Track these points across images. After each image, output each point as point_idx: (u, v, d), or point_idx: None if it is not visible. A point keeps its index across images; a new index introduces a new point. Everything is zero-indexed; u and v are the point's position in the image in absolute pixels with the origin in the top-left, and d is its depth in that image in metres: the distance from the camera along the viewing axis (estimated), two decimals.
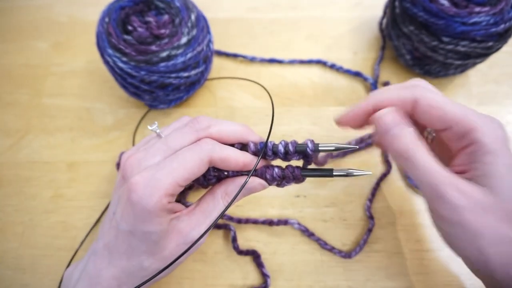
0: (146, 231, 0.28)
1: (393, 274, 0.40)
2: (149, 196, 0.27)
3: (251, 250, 0.41)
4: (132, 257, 0.29)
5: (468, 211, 0.26)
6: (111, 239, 0.29)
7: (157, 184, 0.27)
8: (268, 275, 0.39)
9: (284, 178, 0.32)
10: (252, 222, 0.42)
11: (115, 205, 0.30)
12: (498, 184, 0.26)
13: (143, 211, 0.27)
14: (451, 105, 0.29)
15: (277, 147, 0.31)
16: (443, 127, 0.29)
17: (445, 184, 0.26)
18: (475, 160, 0.27)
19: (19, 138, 0.49)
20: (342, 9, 0.58)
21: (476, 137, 0.27)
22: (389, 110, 0.30)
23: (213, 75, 0.52)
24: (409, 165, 0.28)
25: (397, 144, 0.29)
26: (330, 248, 0.40)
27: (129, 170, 0.29)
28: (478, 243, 0.26)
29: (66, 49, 0.56)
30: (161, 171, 0.27)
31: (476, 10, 0.41)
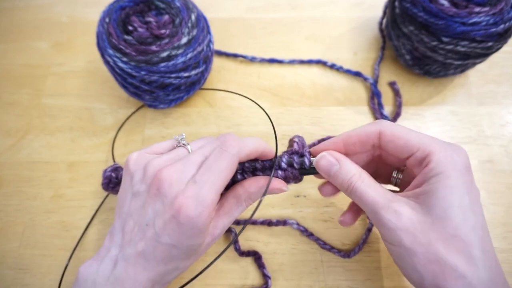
0: (189, 245, 0.29)
1: (393, 274, 0.40)
2: (199, 215, 0.28)
3: (252, 251, 0.41)
4: (170, 263, 0.30)
5: (403, 232, 0.27)
6: (148, 249, 0.29)
7: (204, 203, 0.28)
8: (269, 276, 0.39)
9: (285, 179, 0.34)
10: (251, 223, 0.42)
11: (148, 218, 0.29)
12: (436, 204, 0.27)
13: (193, 229, 0.28)
14: (414, 134, 0.30)
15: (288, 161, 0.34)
16: (407, 154, 0.30)
17: (383, 208, 0.28)
18: (426, 180, 0.28)
19: (19, 138, 0.49)
20: (342, 9, 0.58)
21: (431, 159, 0.28)
22: (323, 154, 0.32)
23: (213, 75, 0.52)
24: (353, 197, 0.31)
25: (338, 182, 0.31)
26: (330, 247, 0.40)
27: (167, 185, 0.29)
28: (413, 262, 0.27)
29: (66, 49, 0.56)
30: (204, 188, 0.28)
31: (476, 10, 0.41)
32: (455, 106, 0.49)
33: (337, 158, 0.32)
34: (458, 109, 0.49)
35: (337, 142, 0.33)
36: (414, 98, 0.50)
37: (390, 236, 0.28)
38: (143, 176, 0.31)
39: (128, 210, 0.31)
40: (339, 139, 0.33)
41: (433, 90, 0.50)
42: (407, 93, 0.50)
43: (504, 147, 0.46)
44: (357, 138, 0.32)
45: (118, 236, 0.31)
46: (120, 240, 0.31)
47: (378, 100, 0.49)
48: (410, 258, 0.27)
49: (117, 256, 0.30)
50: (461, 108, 0.49)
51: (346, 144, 0.33)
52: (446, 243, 0.26)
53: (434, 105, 0.49)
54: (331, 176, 0.32)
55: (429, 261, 0.26)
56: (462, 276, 0.25)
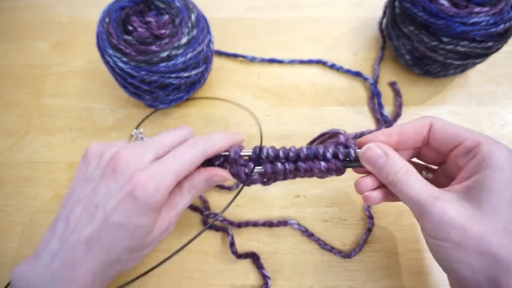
0: (138, 225, 0.29)
1: (393, 274, 0.40)
2: (154, 192, 0.28)
3: (250, 252, 0.40)
4: (112, 251, 0.29)
5: (451, 225, 0.26)
6: (93, 232, 0.28)
7: (162, 181, 0.29)
8: (269, 276, 0.39)
9: (328, 170, 0.33)
10: (252, 225, 0.42)
11: (100, 199, 0.29)
12: (489, 198, 0.26)
13: (145, 206, 0.28)
14: (462, 127, 0.31)
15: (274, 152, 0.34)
16: (455, 143, 0.30)
17: (429, 201, 0.27)
18: (476, 172, 0.28)
19: (19, 138, 0.49)
20: (342, 9, 0.58)
21: (482, 150, 0.28)
22: (370, 145, 0.31)
23: (213, 75, 0.52)
24: (397, 191, 0.30)
25: (383, 175, 0.31)
26: (330, 248, 0.40)
27: (123, 165, 0.29)
28: (462, 255, 0.26)
29: (66, 49, 0.56)
30: (164, 168, 0.29)
31: (476, 10, 0.41)
32: (455, 106, 0.49)
33: (384, 150, 0.31)
34: (458, 109, 0.49)
35: (390, 134, 0.32)
36: (414, 98, 0.50)
37: (437, 230, 0.27)
38: (98, 162, 0.31)
39: (77, 197, 0.30)
40: (393, 130, 0.32)
41: (433, 90, 0.50)
42: (407, 93, 0.50)
43: None
44: (411, 129, 0.32)
45: (60, 227, 0.29)
46: (62, 230, 0.29)
47: (378, 100, 0.49)
48: (459, 252, 0.26)
49: (58, 249, 0.28)
50: (461, 108, 0.49)
51: (400, 135, 0.32)
52: (499, 236, 0.25)
53: (434, 105, 0.49)
54: (377, 168, 0.31)
55: (481, 254, 0.25)
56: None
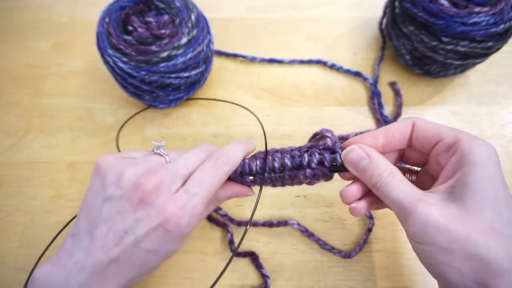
0: (171, 250, 0.30)
1: (393, 274, 0.40)
2: (188, 225, 0.29)
3: (249, 251, 0.41)
4: (143, 268, 0.30)
5: (436, 228, 0.25)
6: (124, 255, 0.29)
7: (194, 213, 0.30)
8: (268, 276, 0.39)
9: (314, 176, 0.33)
10: (252, 224, 0.42)
11: (126, 225, 0.29)
12: (473, 196, 0.25)
13: (177, 237, 0.29)
14: (443, 125, 0.30)
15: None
16: (436, 141, 0.30)
17: (412, 204, 0.26)
18: (458, 169, 0.27)
19: (19, 138, 0.49)
20: (342, 9, 0.58)
21: (462, 146, 0.27)
22: (352, 147, 0.31)
23: (213, 75, 0.52)
24: (380, 194, 0.29)
25: (366, 178, 0.30)
26: (330, 248, 0.40)
27: (153, 196, 0.29)
28: (449, 259, 0.25)
29: (66, 49, 0.56)
30: (195, 199, 0.30)
31: (476, 10, 0.41)
32: (455, 106, 0.49)
33: (367, 152, 0.30)
34: (458, 109, 0.49)
35: (376, 135, 0.31)
36: (414, 98, 0.50)
37: (421, 235, 0.26)
38: (117, 180, 0.30)
39: (100, 214, 0.30)
40: (379, 132, 0.31)
41: (433, 90, 0.50)
42: (407, 93, 0.50)
43: (504, 147, 0.46)
44: (397, 130, 0.31)
45: (86, 240, 0.29)
46: (87, 244, 0.29)
47: (378, 100, 0.49)
48: (446, 255, 0.25)
49: (84, 261, 0.28)
50: (461, 108, 0.49)
51: (386, 136, 0.31)
52: (485, 237, 0.25)
53: (434, 105, 0.49)
54: (360, 171, 0.30)
55: (469, 257, 0.25)
56: (508, 271, 0.24)
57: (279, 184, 0.34)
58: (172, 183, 0.30)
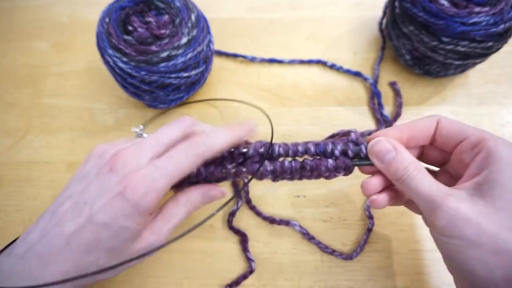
0: (123, 226, 0.27)
1: (393, 274, 0.40)
2: (145, 195, 0.27)
3: (242, 231, 0.41)
4: (92, 251, 0.28)
5: (465, 222, 0.25)
6: (76, 228, 0.27)
7: (154, 185, 0.28)
8: (253, 259, 0.40)
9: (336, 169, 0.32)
10: (256, 212, 0.42)
11: (89, 196, 0.28)
12: (501, 193, 0.25)
13: (134, 208, 0.27)
14: (467, 124, 0.30)
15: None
16: (460, 139, 0.30)
17: (441, 196, 0.27)
18: (485, 167, 0.27)
19: (19, 138, 0.49)
20: (342, 9, 0.58)
21: (488, 144, 0.27)
22: (379, 139, 0.31)
23: (213, 75, 0.52)
24: (405, 187, 0.29)
25: (391, 170, 0.30)
26: (331, 251, 0.40)
27: (120, 165, 0.28)
28: (478, 254, 0.25)
29: (66, 49, 0.56)
30: (158, 172, 0.28)
31: (476, 10, 0.41)
32: (455, 106, 0.49)
33: (394, 145, 0.30)
34: (458, 109, 0.49)
35: (402, 129, 0.31)
36: (414, 98, 0.50)
37: (450, 228, 0.26)
38: (97, 161, 0.30)
39: (69, 193, 0.30)
40: (404, 126, 0.32)
41: (433, 90, 0.50)
42: (407, 93, 0.50)
43: None
44: (422, 126, 0.31)
45: (44, 219, 0.29)
46: (45, 223, 0.28)
47: (378, 100, 0.49)
48: (474, 250, 0.25)
49: (35, 241, 0.28)
50: (461, 108, 0.49)
51: (411, 131, 0.31)
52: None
53: (434, 105, 0.49)
54: (385, 163, 0.30)
55: (499, 253, 0.24)
56: None
57: (297, 176, 0.33)
58: (141, 155, 0.29)
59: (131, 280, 0.40)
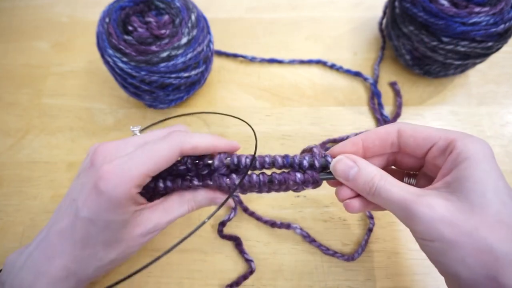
0: (108, 220, 0.28)
1: (393, 274, 0.40)
2: (118, 185, 0.27)
3: (234, 236, 0.41)
4: (88, 246, 0.28)
5: (442, 223, 0.25)
6: (67, 226, 0.28)
7: (127, 174, 0.28)
8: (252, 260, 0.40)
9: (304, 183, 0.32)
10: (255, 217, 0.42)
11: (76, 192, 0.29)
12: (473, 189, 0.25)
13: (110, 200, 0.27)
14: (432, 128, 0.30)
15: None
16: (429, 146, 0.29)
17: (414, 202, 0.26)
18: (454, 166, 0.27)
19: (19, 138, 0.49)
20: (342, 9, 0.58)
21: (457, 145, 0.27)
22: (339, 158, 0.31)
23: (213, 75, 0.52)
24: (377, 200, 0.29)
25: (359, 186, 0.29)
26: (333, 253, 0.40)
27: (100, 158, 0.29)
28: (458, 254, 0.24)
29: (66, 49, 0.56)
30: (131, 161, 0.28)
31: (476, 10, 0.41)
32: (455, 106, 0.49)
33: (354, 160, 0.30)
34: (458, 109, 0.49)
35: (356, 142, 0.31)
36: (414, 98, 0.50)
37: (427, 231, 0.25)
38: (87, 157, 0.31)
39: (69, 190, 0.31)
40: (357, 138, 0.31)
41: (433, 90, 0.50)
42: (407, 93, 0.50)
43: (504, 147, 0.46)
44: (376, 136, 0.31)
45: (52, 218, 0.30)
46: (51, 221, 0.30)
47: (378, 100, 0.49)
48: (454, 251, 0.24)
49: (42, 238, 0.29)
50: (461, 108, 0.49)
51: (365, 141, 0.31)
52: (493, 229, 0.24)
53: (434, 105, 0.49)
54: (350, 180, 0.30)
55: (479, 251, 0.24)
56: None
57: (265, 189, 0.33)
58: (122, 149, 0.30)
59: (131, 280, 0.40)
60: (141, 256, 0.41)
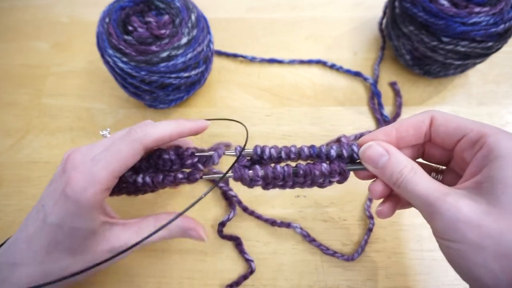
0: (75, 226, 0.28)
1: (393, 274, 0.40)
2: (84, 190, 0.27)
3: (234, 236, 0.41)
4: (53, 252, 0.28)
5: (466, 224, 0.24)
6: (35, 231, 0.28)
7: (93, 178, 0.28)
8: (252, 260, 0.40)
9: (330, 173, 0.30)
10: (255, 216, 0.42)
11: (46, 198, 0.29)
12: (505, 192, 0.24)
13: (77, 204, 0.27)
14: (465, 118, 0.28)
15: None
16: (459, 136, 0.28)
17: (439, 199, 0.25)
18: (485, 165, 0.25)
19: (19, 138, 0.49)
20: (342, 9, 0.58)
21: (488, 141, 0.26)
22: (370, 143, 0.29)
23: (213, 75, 0.52)
24: (402, 191, 0.28)
25: (386, 175, 0.28)
26: (332, 253, 0.40)
27: (70, 165, 0.29)
28: (481, 258, 0.23)
29: (66, 49, 0.56)
30: (96, 166, 0.28)
31: (476, 10, 0.41)
32: (455, 106, 0.49)
33: (386, 148, 0.28)
34: (458, 109, 0.49)
35: (388, 131, 0.30)
36: (414, 98, 0.50)
37: (450, 231, 0.24)
38: (60, 164, 0.31)
39: (41, 197, 0.31)
40: (391, 127, 0.30)
41: (433, 90, 0.50)
42: (407, 93, 0.50)
43: None
44: (410, 125, 0.29)
45: (24, 222, 0.30)
46: (20, 228, 0.30)
47: (378, 100, 0.49)
48: (477, 254, 0.23)
49: (8, 245, 0.29)
50: (461, 108, 0.49)
51: (399, 131, 0.30)
52: None
53: (434, 105, 0.49)
54: (379, 168, 0.28)
55: (504, 256, 0.23)
56: None
57: (290, 183, 0.31)
58: (89, 154, 0.29)
59: (132, 280, 0.40)
60: (141, 256, 0.41)
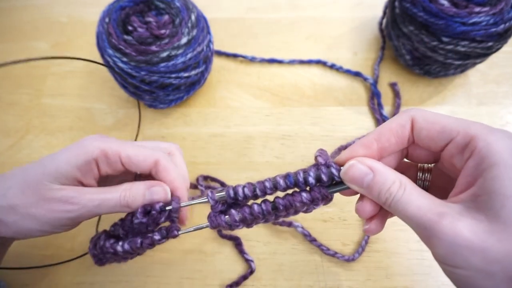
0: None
1: (393, 274, 0.40)
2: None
3: (234, 236, 0.41)
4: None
5: (469, 249, 0.21)
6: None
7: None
8: (252, 260, 0.40)
9: (312, 201, 0.28)
10: None
11: None
12: (503, 205, 0.21)
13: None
14: (449, 118, 0.25)
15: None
16: (445, 142, 0.25)
17: (434, 219, 0.22)
18: (479, 174, 0.22)
19: (19, 138, 0.49)
20: (342, 9, 0.58)
21: (479, 146, 0.22)
22: (351, 163, 0.26)
23: (213, 75, 0.52)
24: (394, 211, 0.25)
25: (374, 195, 0.25)
26: (333, 253, 0.40)
27: None
28: (490, 285, 0.21)
29: (66, 49, 0.56)
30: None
31: (476, 10, 0.41)
32: (455, 106, 0.49)
33: (369, 166, 0.25)
34: (458, 109, 0.49)
35: (368, 143, 0.26)
36: (414, 98, 0.50)
37: (451, 257, 0.22)
38: None
39: None
40: (369, 139, 0.27)
41: (433, 90, 0.50)
42: (407, 93, 0.50)
43: None
44: (391, 132, 0.26)
45: None
46: None
47: (377, 100, 0.49)
48: (485, 280, 0.21)
49: None
50: (461, 108, 0.49)
51: (379, 141, 0.26)
52: None
53: (434, 105, 0.49)
54: (365, 188, 0.25)
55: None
56: None
57: (272, 217, 0.29)
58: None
59: (131, 280, 0.40)
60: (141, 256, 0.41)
